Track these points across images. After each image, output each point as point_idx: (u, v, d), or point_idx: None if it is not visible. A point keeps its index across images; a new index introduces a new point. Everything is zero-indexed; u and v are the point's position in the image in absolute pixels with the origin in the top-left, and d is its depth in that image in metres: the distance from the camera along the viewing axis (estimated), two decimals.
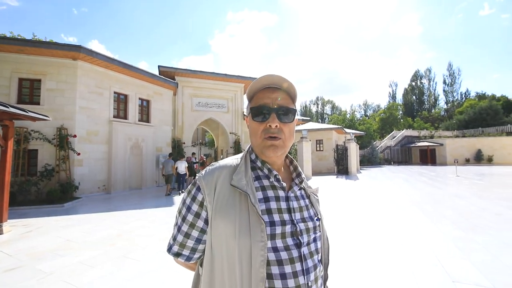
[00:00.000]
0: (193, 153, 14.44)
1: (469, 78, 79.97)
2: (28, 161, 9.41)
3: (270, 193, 0.85)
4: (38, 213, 7.48)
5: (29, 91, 9.78)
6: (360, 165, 30.49)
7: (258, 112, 0.86)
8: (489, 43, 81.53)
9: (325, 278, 0.97)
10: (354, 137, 31.12)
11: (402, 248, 4.36)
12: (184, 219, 0.87)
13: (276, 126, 0.84)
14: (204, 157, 16.18)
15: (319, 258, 0.89)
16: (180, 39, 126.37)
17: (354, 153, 18.88)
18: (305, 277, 0.79)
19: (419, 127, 42.51)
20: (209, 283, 0.81)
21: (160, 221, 6.49)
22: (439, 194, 9.87)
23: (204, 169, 0.90)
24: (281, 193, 0.86)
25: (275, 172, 0.87)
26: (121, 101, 12.30)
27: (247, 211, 0.79)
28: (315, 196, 0.97)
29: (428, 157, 32.71)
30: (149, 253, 4.30)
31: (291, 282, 0.77)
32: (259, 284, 0.73)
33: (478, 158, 29.58)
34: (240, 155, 0.94)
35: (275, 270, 0.76)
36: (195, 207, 0.86)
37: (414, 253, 4.15)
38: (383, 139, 40.46)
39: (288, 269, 0.77)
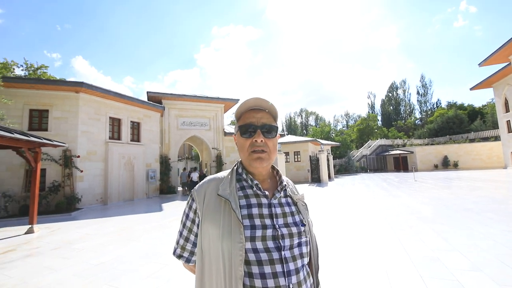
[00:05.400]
0: (185, 168, 16.88)
1: (446, 87, 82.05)
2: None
3: (253, 200, 0.95)
4: (51, 220, 9.18)
5: (38, 119, 11.58)
6: (337, 174, 32.56)
7: (245, 130, 0.98)
8: (465, 53, 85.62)
9: (316, 284, 1.01)
10: (331, 147, 33.48)
11: (324, 224, 6.46)
12: (184, 225, 1.03)
13: (262, 140, 0.96)
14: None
15: (304, 262, 0.93)
16: (166, 54, 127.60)
17: (325, 163, 21.07)
18: (286, 279, 0.84)
19: (393, 136, 44.85)
20: (201, 280, 0.92)
21: (151, 221, 8.31)
22: (383, 195, 11.99)
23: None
24: (264, 200, 0.95)
25: (255, 182, 0.98)
26: (115, 124, 14.21)
27: (230, 216, 0.88)
28: (303, 203, 1.05)
29: (401, 164, 35.12)
30: (145, 238, 6.20)
31: (270, 282, 0.83)
32: (238, 281, 0.81)
33: (445, 164, 32.11)
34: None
35: (255, 269, 0.84)
36: (191, 214, 1.00)
37: (326, 226, 6.27)
38: (360, 148, 42.61)
39: (267, 269, 0.84)
